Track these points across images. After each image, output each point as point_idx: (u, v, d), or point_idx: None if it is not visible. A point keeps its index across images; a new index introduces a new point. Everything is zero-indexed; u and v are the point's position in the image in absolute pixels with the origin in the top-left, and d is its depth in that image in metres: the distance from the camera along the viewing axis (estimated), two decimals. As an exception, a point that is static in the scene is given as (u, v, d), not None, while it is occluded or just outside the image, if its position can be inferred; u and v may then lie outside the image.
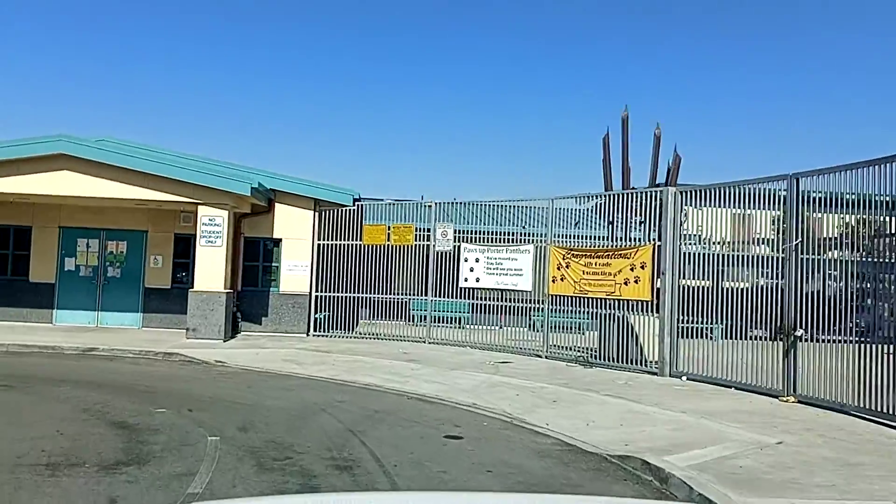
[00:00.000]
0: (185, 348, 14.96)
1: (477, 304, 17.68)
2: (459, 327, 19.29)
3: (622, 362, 14.37)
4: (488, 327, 17.62)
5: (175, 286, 18.74)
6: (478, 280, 17.18)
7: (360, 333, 18.88)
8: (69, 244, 18.63)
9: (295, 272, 18.77)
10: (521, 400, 10.81)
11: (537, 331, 16.43)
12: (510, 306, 16.87)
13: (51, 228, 18.65)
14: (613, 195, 15.28)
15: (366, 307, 19.33)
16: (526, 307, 16.52)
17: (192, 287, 16.67)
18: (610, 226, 15.38)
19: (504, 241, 17.31)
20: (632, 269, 14.50)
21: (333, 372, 13.06)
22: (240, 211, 18.06)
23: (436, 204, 18.09)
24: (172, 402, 9.62)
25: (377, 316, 19.18)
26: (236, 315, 18.18)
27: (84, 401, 9.50)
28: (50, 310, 18.50)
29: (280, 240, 18.87)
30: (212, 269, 16.50)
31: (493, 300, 17.22)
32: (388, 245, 18.57)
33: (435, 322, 18.52)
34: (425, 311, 18.63)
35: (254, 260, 18.95)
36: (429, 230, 18.28)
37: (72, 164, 16.17)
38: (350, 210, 18.95)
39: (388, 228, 18.55)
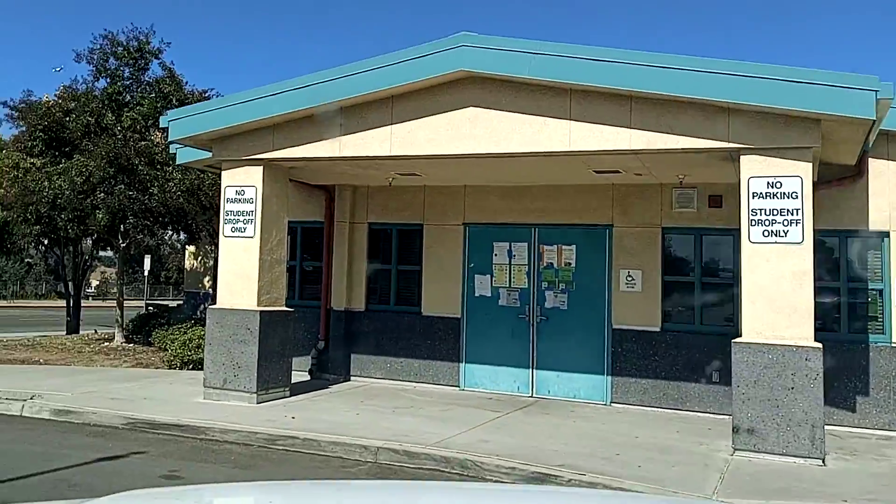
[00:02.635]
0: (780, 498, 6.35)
1: None
2: None
3: None
4: None
5: (667, 327, 10.39)
6: None
7: None
8: (480, 252, 11.46)
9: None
10: None
11: None
12: None
13: (451, 228, 11.70)
14: None
15: None
16: None
17: (740, 333, 7.99)
18: None
19: None
20: None
21: None
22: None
23: None
24: None
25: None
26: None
27: None
28: (454, 363, 11.46)
29: (886, 234, 9.45)
30: (783, 293, 7.64)
31: None
32: None
33: None
34: None
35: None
36: None
37: (483, 94, 8.80)
38: None
39: None
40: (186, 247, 20.19)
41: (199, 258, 19.35)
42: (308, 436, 8.10)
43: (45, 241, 19.83)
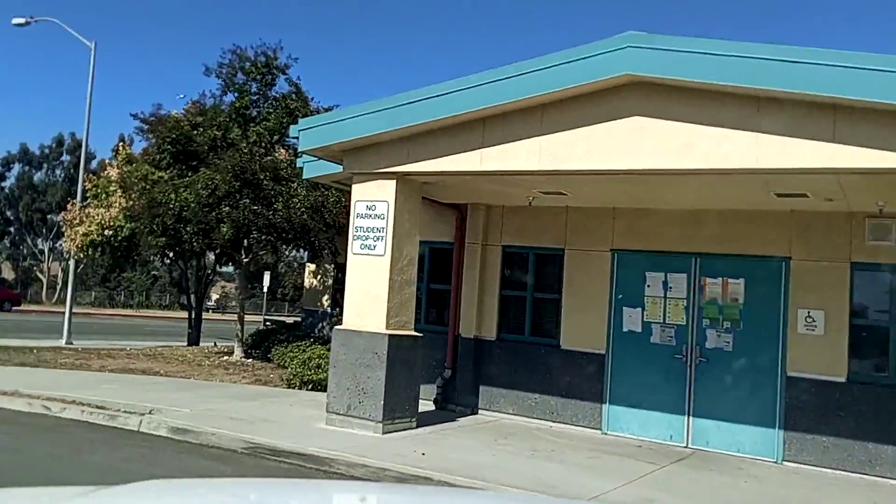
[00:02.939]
0: None
1: None
2: None
3: None
4: None
5: (854, 377, 8.89)
6: None
7: None
8: (630, 282, 10.37)
9: None
10: None
11: None
12: None
13: (597, 254, 10.66)
14: None
15: None
16: None
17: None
18: None
19: None
20: None
21: None
22: None
23: None
24: None
25: None
26: None
27: None
28: (596, 404, 10.36)
29: None
30: None
31: None
32: None
33: None
34: None
35: None
36: None
37: (651, 102, 7.79)
38: None
39: None
40: (306, 265, 19.96)
41: (319, 276, 19.03)
42: (443, 478, 7.23)
43: (171, 254, 20.02)
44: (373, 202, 9.62)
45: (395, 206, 9.50)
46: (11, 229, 67.99)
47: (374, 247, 9.55)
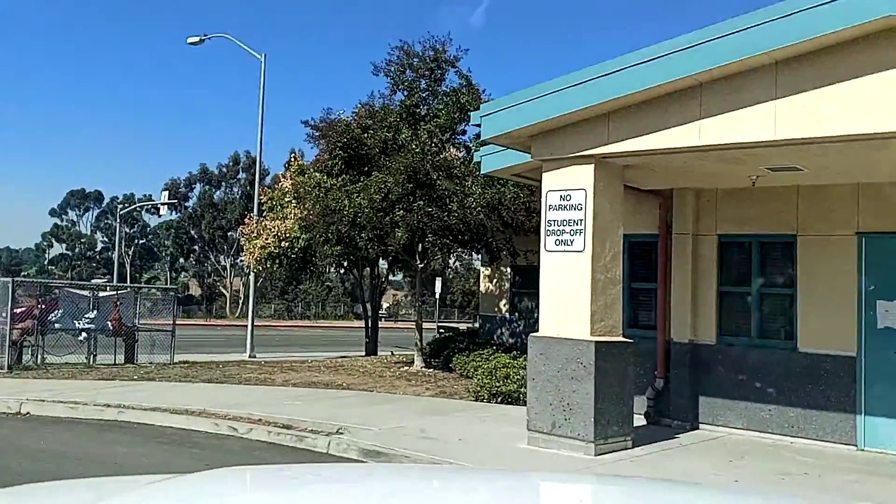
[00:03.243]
0: None
1: None
2: None
3: None
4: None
5: None
6: None
7: None
8: (884, 270, 8.67)
9: None
10: None
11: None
12: None
13: (838, 239, 9.05)
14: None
15: None
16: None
17: None
18: None
19: None
20: None
21: None
22: None
23: None
24: None
25: None
26: None
27: None
28: (847, 415, 8.75)
29: None
30: None
31: None
32: None
33: None
34: None
35: None
36: None
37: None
38: None
39: None
40: (481, 269, 19.31)
41: (494, 280, 18.28)
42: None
43: (345, 263, 19.96)
44: (567, 191, 8.61)
45: (593, 193, 8.44)
46: (196, 247, 72.84)
47: (572, 242, 8.53)
